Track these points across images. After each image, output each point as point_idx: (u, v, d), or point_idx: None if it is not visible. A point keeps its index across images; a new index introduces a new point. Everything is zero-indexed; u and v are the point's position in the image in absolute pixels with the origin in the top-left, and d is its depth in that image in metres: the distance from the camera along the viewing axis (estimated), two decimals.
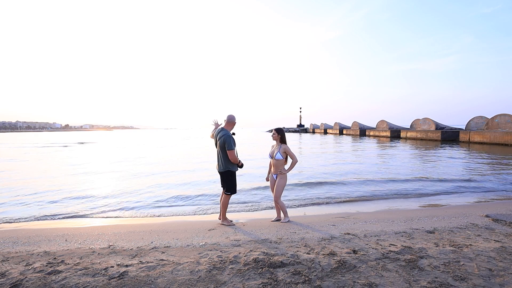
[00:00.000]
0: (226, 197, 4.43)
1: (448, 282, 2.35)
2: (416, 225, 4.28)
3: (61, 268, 2.74)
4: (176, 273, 2.58)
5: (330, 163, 13.65)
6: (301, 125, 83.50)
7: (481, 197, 6.83)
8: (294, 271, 2.57)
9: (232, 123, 4.44)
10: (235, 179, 4.43)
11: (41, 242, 3.83)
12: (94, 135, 73.40)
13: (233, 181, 4.40)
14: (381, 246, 3.23)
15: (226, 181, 4.35)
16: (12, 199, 7.04)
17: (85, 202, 6.73)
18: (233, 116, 4.46)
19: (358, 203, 6.44)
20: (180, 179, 9.60)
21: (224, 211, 4.55)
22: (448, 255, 2.92)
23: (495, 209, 5.25)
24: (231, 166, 4.33)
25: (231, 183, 4.37)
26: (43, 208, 6.23)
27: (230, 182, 4.36)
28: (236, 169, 4.42)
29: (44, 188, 8.35)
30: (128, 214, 5.80)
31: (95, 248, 3.44)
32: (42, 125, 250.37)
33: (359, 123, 47.74)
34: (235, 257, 2.93)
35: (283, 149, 4.39)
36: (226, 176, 4.34)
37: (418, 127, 34.06)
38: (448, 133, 28.80)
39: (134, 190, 7.91)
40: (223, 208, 4.53)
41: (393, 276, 2.46)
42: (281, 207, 4.59)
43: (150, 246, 3.48)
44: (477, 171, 10.45)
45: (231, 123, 4.43)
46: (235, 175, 4.44)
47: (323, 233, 3.87)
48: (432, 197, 6.95)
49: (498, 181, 8.60)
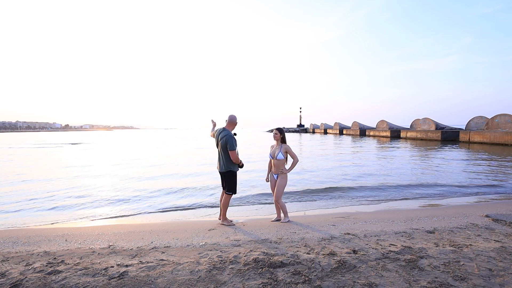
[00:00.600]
0: (226, 197, 4.43)
1: (448, 282, 2.35)
2: (416, 225, 4.28)
3: (61, 268, 2.74)
4: (176, 273, 2.58)
5: (335, 165, 13.63)
6: (301, 125, 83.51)
7: (481, 197, 6.83)
8: (294, 271, 2.56)
9: (233, 123, 4.43)
10: (236, 179, 4.42)
11: (41, 242, 3.83)
12: (92, 136, 72.49)
13: (234, 181, 4.39)
14: (381, 246, 3.23)
15: (228, 181, 4.34)
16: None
17: (84, 202, 6.74)
18: (234, 116, 4.44)
19: (359, 203, 6.45)
20: (179, 180, 9.60)
21: (225, 211, 4.54)
22: (448, 255, 2.92)
23: (495, 209, 5.25)
24: (232, 166, 4.33)
25: (232, 184, 4.36)
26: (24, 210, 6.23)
27: (231, 182, 4.35)
28: (237, 169, 4.42)
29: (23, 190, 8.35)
30: (128, 214, 5.80)
31: (95, 248, 3.44)
32: (42, 125, 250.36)
33: (359, 123, 47.74)
34: (235, 257, 2.93)
35: (284, 149, 4.39)
36: (227, 176, 4.33)
37: (418, 127, 34.06)
38: (448, 133, 28.80)
39: (134, 191, 7.91)
40: (223, 208, 4.53)
41: (393, 276, 2.46)
42: (281, 207, 4.59)
43: (150, 246, 3.48)
44: (478, 173, 10.46)
45: (232, 123, 4.42)
46: (236, 175, 4.44)
47: (323, 233, 3.87)
48: (432, 197, 6.95)
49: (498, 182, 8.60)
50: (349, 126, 52.93)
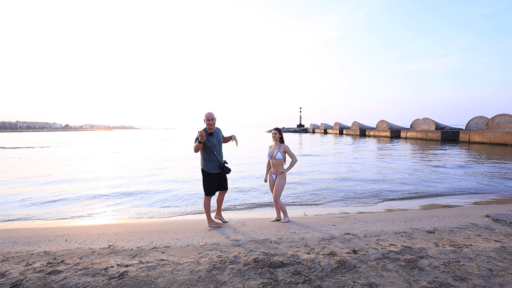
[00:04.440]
0: (204, 198, 4.31)
1: (448, 282, 2.35)
2: (416, 225, 4.28)
3: (61, 268, 2.74)
4: (176, 273, 2.58)
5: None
6: (301, 125, 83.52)
7: (481, 197, 6.83)
8: (294, 271, 2.56)
9: (205, 119, 4.14)
10: (208, 179, 4.21)
11: (41, 242, 3.83)
12: (90, 136, 70.38)
13: (206, 180, 4.22)
14: (381, 246, 3.23)
15: (202, 180, 4.25)
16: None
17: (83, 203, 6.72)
18: (209, 113, 4.13)
19: (359, 203, 6.44)
20: (179, 179, 9.60)
21: (207, 213, 4.41)
22: (448, 255, 2.92)
23: (495, 209, 5.24)
24: (204, 165, 4.21)
25: (204, 182, 4.22)
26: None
27: (203, 182, 4.23)
28: (210, 169, 4.17)
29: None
30: (128, 214, 5.80)
31: (95, 248, 3.44)
32: (42, 125, 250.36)
33: (359, 123, 47.74)
34: (235, 257, 2.93)
35: (283, 149, 4.39)
36: (202, 175, 4.25)
37: (418, 127, 34.06)
38: (448, 133, 28.81)
39: (134, 191, 7.91)
40: (205, 209, 4.39)
41: (393, 276, 2.46)
42: (280, 207, 4.59)
43: (150, 246, 3.48)
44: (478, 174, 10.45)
45: (204, 119, 4.15)
46: (211, 176, 4.20)
47: (323, 233, 3.87)
48: (432, 197, 6.95)
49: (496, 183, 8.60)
50: (349, 126, 52.92)
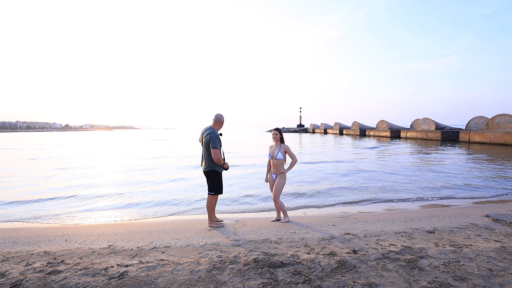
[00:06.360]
0: (210, 197, 4.27)
1: (448, 282, 2.35)
2: (416, 225, 4.28)
3: (61, 268, 2.74)
4: (176, 273, 2.58)
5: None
6: (301, 125, 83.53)
7: (481, 198, 6.82)
8: (294, 271, 2.56)
9: (219, 122, 4.25)
10: (220, 179, 4.25)
11: (41, 242, 3.83)
12: (89, 136, 70.70)
13: (218, 181, 4.21)
14: (381, 246, 3.23)
15: (211, 181, 4.19)
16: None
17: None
18: (221, 115, 4.25)
19: (358, 203, 6.44)
20: (178, 180, 9.60)
21: (210, 213, 4.39)
22: (448, 255, 2.92)
23: (495, 209, 5.24)
24: (216, 166, 4.16)
25: (217, 184, 4.20)
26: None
27: (215, 183, 4.19)
28: (222, 170, 4.24)
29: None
30: (128, 214, 5.80)
31: (95, 248, 3.44)
32: (42, 125, 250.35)
33: (359, 123, 47.74)
34: (235, 257, 2.93)
35: (283, 149, 4.40)
36: (211, 175, 4.18)
37: (418, 127, 34.05)
38: (448, 133, 28.80)
39: (134, 191, 7.91)
40: (208, 209, 4.37)
41: (393, 276, 2.46)
42: (280, 207, 4.59)
43: (150, 246, 3.48)
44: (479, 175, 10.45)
45: (218, 122, 4.24)
46: (221, 175, 4.26)
47: (323, 233, 3.87)
48: (432, 197, 6.94)
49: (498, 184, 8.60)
50: (349, 126, 52.92)
